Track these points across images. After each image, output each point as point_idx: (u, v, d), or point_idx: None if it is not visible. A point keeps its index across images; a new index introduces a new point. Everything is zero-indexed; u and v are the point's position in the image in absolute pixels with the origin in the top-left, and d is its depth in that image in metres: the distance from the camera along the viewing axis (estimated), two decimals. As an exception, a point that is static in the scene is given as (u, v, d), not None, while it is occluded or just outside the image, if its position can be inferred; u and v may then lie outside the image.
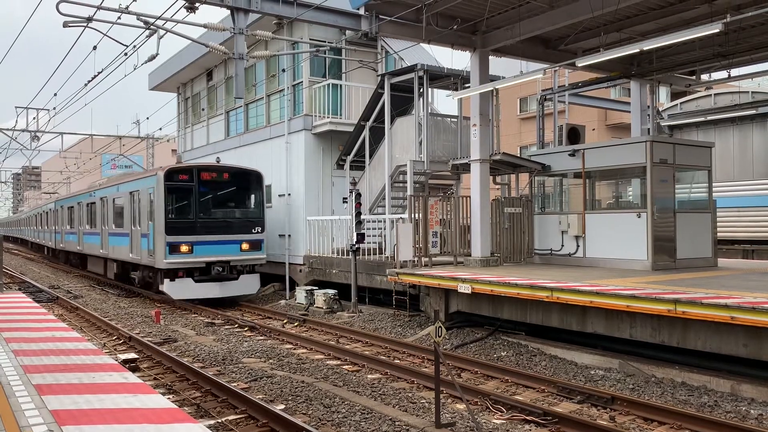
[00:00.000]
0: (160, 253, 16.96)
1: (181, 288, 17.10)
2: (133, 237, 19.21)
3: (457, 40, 14.70)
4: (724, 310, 8.21)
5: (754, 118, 20.21)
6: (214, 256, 17.29)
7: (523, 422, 7.41)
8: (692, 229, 13.83)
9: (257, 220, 18.43)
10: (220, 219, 17.85)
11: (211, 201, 17.90)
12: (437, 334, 7.09)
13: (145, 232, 17.99)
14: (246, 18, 13.37)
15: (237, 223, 18.04)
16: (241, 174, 18.69)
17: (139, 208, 18.80)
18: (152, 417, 5.05)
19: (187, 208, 17.49)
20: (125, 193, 20.34)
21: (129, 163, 39.65)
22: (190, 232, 17.13)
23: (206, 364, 10.61)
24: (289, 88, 23.71)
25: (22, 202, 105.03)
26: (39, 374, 6.45)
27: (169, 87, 34.60)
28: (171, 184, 17.29)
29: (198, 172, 17.69)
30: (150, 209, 17.69)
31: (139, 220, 18.70)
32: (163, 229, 16.96)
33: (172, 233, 16.94)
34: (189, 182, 17.48)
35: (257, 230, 18.29)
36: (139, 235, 18.63)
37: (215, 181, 17.99)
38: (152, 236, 17.35)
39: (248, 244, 17.91)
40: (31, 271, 31.96)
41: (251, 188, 18.71)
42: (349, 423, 7.40)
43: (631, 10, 13.50)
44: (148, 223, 17.85)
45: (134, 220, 19.32)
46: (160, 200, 17.07)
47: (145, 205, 18.20)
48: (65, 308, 17.72)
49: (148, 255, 17.75)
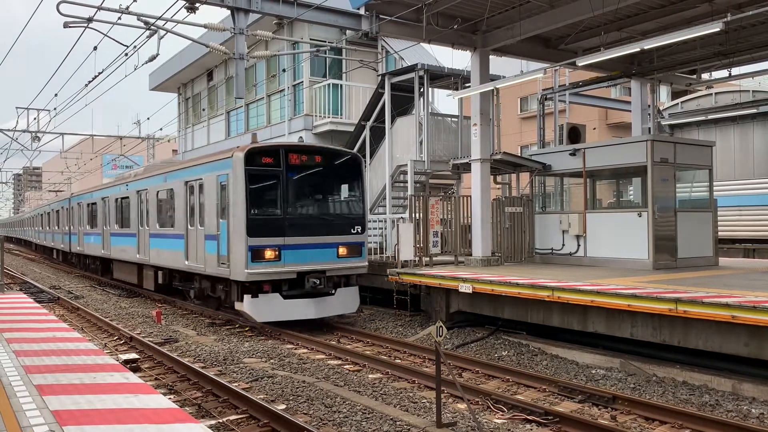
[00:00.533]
0: (239, 260, 12.85)
1: (267, 306, 13.00)
2: (191, 239, 15.25)
3: (457, 40, 14.70)
4: (725, 309, 8.20)
5: (755, 117, 20.20)
6: (307, 264, 13.24)
7: (524, 422, 7.40)
8: (693, 228, 13.82)
9: (357, 217, 14.31)
10: (313, 215, 13.86)
11: (302, 192, 13.83)
12: (438, 334, 7.09)
13: (212, 232, 14.01)
14: (246, 18, 13.38)
15: (333, 220, 13.94)
16: (337, 157, 14.48)
17: (202, 203, 14.74)
18: (153, 417, 5.05)
19: (273, 201, 13.40)
20: (177, 183, 16.08)
21: (129, 163, 39.67)
22: (277, 232, 13.08)
23: (207, 364, 10.61)
24: (289, 88, 23.73)
25: (23, 202, 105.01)
26: (40, 374, 6.45)
27: (169, 87, 34.67)
28: (253, 170, 13.03)
29: (285, 153, 13.41)
30: (221, 203, 13.71)
31: (203, 217, 14.65)
32: (243, 228, 12.84)
33: (256, 234, 12.86)
34: (275, 167, 13.26)
35: (357, 230, 14.18)
36: (201, 237, 14.67)
37: (306, 166, 13.74)
38: (225, 238, 13.39)
39: (346, 248, 13.84)
40: (32, 271, 31.98)
41: (350, 175, 14.51)
42: (350, 423, 7.40)
43: (632, 9, 13.50)
44: (217, 221, 13.84)
45: (193, 217, 15.28)
46: (239, 190, 12.94)
47: (212, 198, 14.12)
48: (66, 308, 17.73)
49: (217, 263, 13.76)
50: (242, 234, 12.84)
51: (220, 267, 13.59)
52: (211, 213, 14.13)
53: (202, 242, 14.58)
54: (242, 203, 12.88)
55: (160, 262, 17.44)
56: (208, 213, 14.30)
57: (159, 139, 39.00)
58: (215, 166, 14.05)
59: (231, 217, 13.15)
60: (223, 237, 13.52)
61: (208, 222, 14.32)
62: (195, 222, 15.12)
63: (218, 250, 13.72)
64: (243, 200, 12.88)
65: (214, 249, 13.91)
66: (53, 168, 67.30)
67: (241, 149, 13.12)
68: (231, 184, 13.17)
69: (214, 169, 14.05)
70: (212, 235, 14.07)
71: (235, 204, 12.99)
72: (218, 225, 13.77)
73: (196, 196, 15.15)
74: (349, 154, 14.87)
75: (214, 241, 13.93)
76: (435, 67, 18.24)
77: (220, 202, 13.76)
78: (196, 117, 32.87)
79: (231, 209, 13.14)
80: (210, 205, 14.23)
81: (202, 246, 14.56)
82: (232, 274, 13.10)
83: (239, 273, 12.84)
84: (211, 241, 14.15)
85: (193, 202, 15.31)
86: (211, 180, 14.17)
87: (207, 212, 14.38)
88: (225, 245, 13.37)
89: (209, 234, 14.22)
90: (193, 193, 15.34)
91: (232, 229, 13.10)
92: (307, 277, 13.16)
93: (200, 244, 14.65)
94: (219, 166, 13.85)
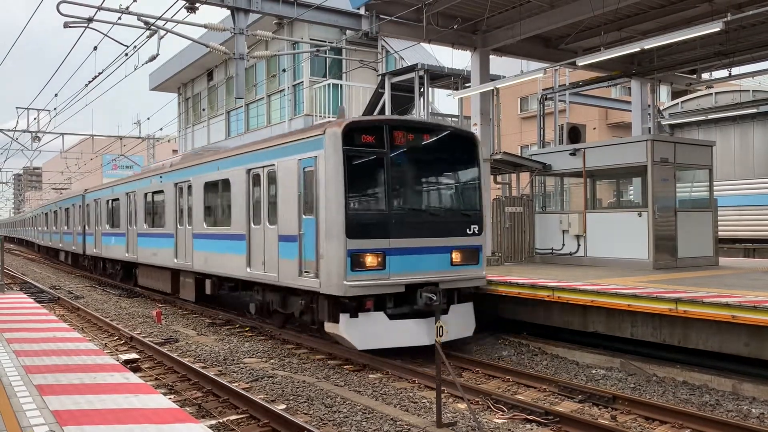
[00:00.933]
0: (334, 268, 9.91)
1: (370, 329, 10.11)
2: (256, 241, 12.30)
3: (457, 40, 14.71)
4: (725, 309, 8.21)
5: (755, 116, 20.22)
6: (417, 274, 10.36)
7: (524, 422, 7.41)
8: (693, 228, 13.83)
9: (474, 214, 11.33)
10: (423, 211, 10.97)
11: (409, 180, 10.96)
12: (438, 334, 7.09)
13: (290, 232, 11.13)
14: (246, 18, 13.40)
15: (447, 217, 11.15)
16: (450, 135, 11.45)
17: (273, 195, 11.83)
18: (153, 417, 5.05)
19: (375, 191, 10.70)
20: (236, 172, 13.13)
21: (130, 163, 39.70)
22: (381, 232, 10.23)
23: (207, 364, 10.61)
24: (289, 88, 23.74)
25: (24, 202, 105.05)
26: (40, 374, 6.45)
27: (169, 87, 34.69)
28: (353, 151, 10.15)
29: (390, 130, 10.52)
30: (305, 195, 10.79)
31: (275, 213, 11.71)
32: (341, 227, 9.91)
33: (357, 234, 9.99)
34: (377, 147, 10.37)
35: (474, 229, 11.18)
36: (272, 238, 11.74)
37: (415, 147, 10.84)
38: (311, 239, 10.51)
39: (461, 253, 10.92)
40: (32, 271, 31.99)
41: (465, 159, 11.52)
42: (351, 423, 7.41)
43: (632, 9, 13.51)
44: (298, 218, 10.92)
45: (259, 214, 12.28)
46: (334, 178, 10.04)
47: (289, 188, 11.21)
48: (66, 309, 17.73)
49: (297, 271, 10.85)
50: (339, 234, 9.94)
51: (304, 277, 10.66)
52: (289, 208, 11.20)
53: (273, 245, 11.64)
54: (339, 194, 9.99)
55: (208, 268, 14.50)
56: (284, 208, 11.37)
57: (159, 139, 39.03)
58: (296, 147, 11.11)
59: (321, 212, 10.22)
60: (308, 238, 10.60)
61: (283, 219, 11.38)
62: (262, 219, 12.16)
63: (300, 254, 10.80)
64: (340, 190, 9.98)
65: (293, 253, 10.97)
66: (53, 168, 67.34)
67: (337, 124, 10.21)
68: (322, 169, 10.24)
69: (294, 152, 11.10)
70: (290, 236, 11.17)
71: (329, 195, 10.09)
72: (299, 223, 10.85)
73: (263, 187, 12.20)
74: (465, 132, 12.05)
75: (293, 243, 11.02)
76: (435, 67, 18.24)
77: (303, 193, 10.80)
78: (196, 117, 32.89)
79: (322, 202, 10.23)
80: (287, 198, 11.27)
81: (273, 249, 11.63)
82: (323, 285, 10.15)
83: (335, 285, 9.92)
84: (288, 243, 11.22)
85: (260, 194, 12.35)
86: (289, 166, 11.21)
87: (282, 207, 11.43)
88: (311, 248, 10.49)
89: (285, 234, 11.30)
90: (258, 183, 12.35)
91: (323, 227, 10.18)
92: (420, 292, 10.21)
93: (271, 247, 11.74)
94: (302, 147, 10.92)
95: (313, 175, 10.50)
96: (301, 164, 10.89)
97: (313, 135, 10.72)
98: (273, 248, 11.66)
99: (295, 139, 11.28)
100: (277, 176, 11.64)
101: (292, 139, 11.43)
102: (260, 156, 12.38)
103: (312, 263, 10.45)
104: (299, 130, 12.23)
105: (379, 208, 10.52)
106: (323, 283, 10.14)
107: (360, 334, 10.05)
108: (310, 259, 10.53)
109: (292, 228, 11.09)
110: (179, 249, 16.16)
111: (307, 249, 10.63)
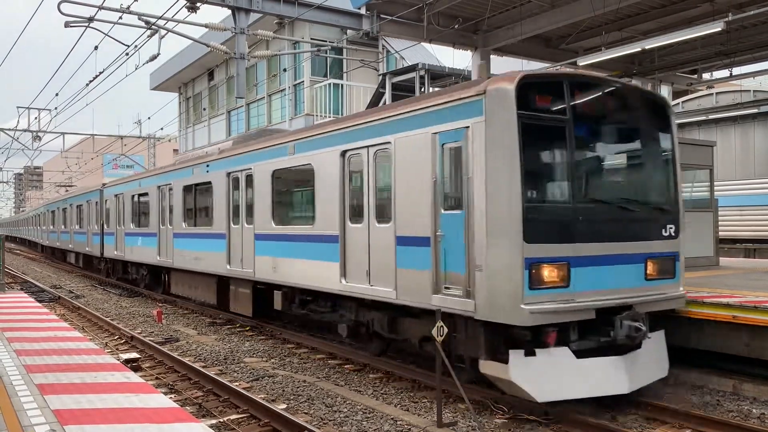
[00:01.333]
0: (506, 284, 7.20)
1: (553, 371, 7.31)
2: (354, 244, 9.71)
3: (458, 40, 14.71)
4: (726, 309, 8.21)
5: (755, 116, 20.22)
6: (609, 294, 7.64)
7: (524, 421, 7.40)
8: (694, 228, 13.80)
9: (671, 208, 8.55)
10: (613, 204, 8.03)
11: (597, 160, 8.36)
12: (439, 334, 7.09)
13: (418, 233, 8.37)
14: (247, 18, 13.40)
15: (641, 214, 8.23)
16: (641, 100, 8.66)
17: (391, 182, 8.91)
18: (154, 416, 5.05)
19: (556, 175, 8.11)
20: (325, 156, 10.33)
21: (130, 163, 39.70)
22: (563, 235, 7.46)
23: (208, 363, 10.62)
24: (290, 87, 23.76)
25: (24, 201, 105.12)
26: (41, 374, 6.46)
27: (170, 87, 34.74)
28: (529, 117, 7.34)
29: (570, 89, 7.74)
30: (450, 180, 8.04)
31: (391, 208, 8.91)
32: (516, 225, 7.15)
33: (536, 237, 7.22)
34: (558, 114, 7.68)
35: (670, 230, 8.40)
36: (383, 240, 9.03)
37: (600, 115, 8.25)
38: (458, 243, 7.75)
39: (656, 263, 8.17)
40: (33, 270, 32.00)
41: (658, 134, 8.66)
42: (351, 422, 7.41)
43: (633, 9, 13.50)
44: (433, 213, 8.16)
45: (359, 208, 9.66)
46: (506, 155, 7.25)
47: (419, 173, 8.37)
48: (67, 308, 17.74)
49: (432, 286, 8.09)
50: (512, 237, 7.14)
51: (445, 295, 7.90)
52: (414, 200, 8.47)
53: (387, 249, 8.89)
54: (513, 180, 7.14)
55: (277, 277, 11.75)
56: (405, 200, 8.65)
57: (160, 139, 39.06)
58: (427, 117, 8.31)
59: (478, 205, 7.44)
60: (452, 241, 7.84)
61: (403, 215, 8.68)
62: (367, 216, 9.40)
63: (435, 264, 8.07)
64: (515, 174, 7.14)
65: (422, 262, 8.24)
66: (54, 167, 67.33)
67: (505, 79, 7.40)
68: (479, 144, 7.46)
69: (425, 124, 8.33)
70: (415, 239, 8.42)
71: (494, 182, 7.27)
72: (434, 221, 8.12)
73: (368, 173, 9.38)
74: (657, 96, 9.42)
75: (422, 249, 8.27)
76: (436, 67, 18.24)
77: (441, 179, 8.08)
78: (197, 116, 32.92)
79: (478, 192, 7.44)
80: (414, 187, 8.48)
81: (387, 255, 8.89)
82: (482, 309, 7.36)
83: (505, 309, 7.16)
84: (412, 248, 8.48)
85: (361, 182, 9.62)
86: (416, 142, 8.44)
87: (401, 199, 8.71)
88: (458, 256, 7.72)
89: (408, 236, 8.57)
90: (360, 168, 9.57)
91: (481, 227, 7.40)
92: (618, 319, 7.49)
93: (381, 252, 9.04)
94: (440, 116, 8.11)
95: (461, 154, 7.73)
96: (439, 140, 8.06)
97: (462, 98, 7.78)
98: (386, 254, 8.93)
99: (427, 105, 8.32)
100: (394, 157, 8.78)
101: (422, 106, 8.42)
102: (364, 132, 9.46)
103: (460, 277, 7.68)
104: (432, 94, 9.42)
105: (562, 199, 7.74)
106: (483, 305, 7.30)
107: (539, 380, 7.19)
108: (455, 270, 7.76)
109: (420, 227, 8.30)
110: (233, 253, 13.46)
111: (451, 257, 7.84)
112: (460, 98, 7.80)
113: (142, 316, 16.03)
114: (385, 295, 8.94)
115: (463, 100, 7.76)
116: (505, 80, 7.38)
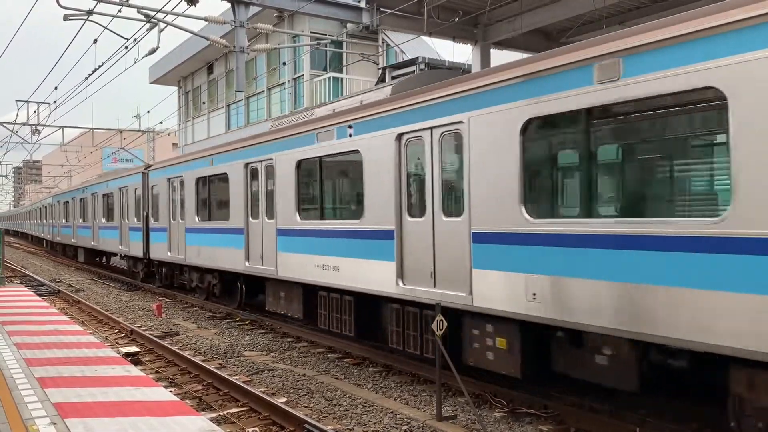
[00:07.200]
0: None
1: None
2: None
3: (458, 33, 14.69)
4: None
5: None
6: None
7: (524, 415, 7.42)
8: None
9: None
10: None
11: None
12: (439, 328, 7.10)
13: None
14: (247, 11, 13.36)
15: None
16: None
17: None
18: (155, 409, 5.07)
19: None
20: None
21: (130, 156, 39.64)
22: None
23: (208, 357, 10.63)
24: (289, 81, 23.73)
25: (23, 195, 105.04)
26: (42, 367, 6.47)
27: (169, 80, 34.69)
28: None
29: None
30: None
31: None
32: None
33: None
34: None
35: None
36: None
37: None
38: None
39: None
40: (32, 264, 32.01)
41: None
42: (351, 416, 7.43)
43: (633, 3, 13.49)
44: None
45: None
46: None
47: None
48: (67, 302, 17.75)
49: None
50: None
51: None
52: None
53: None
54: None
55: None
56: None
57: (159, 133, 39.00)
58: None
59: None
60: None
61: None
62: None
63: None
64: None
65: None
66: (53, 161, 67.29)
67: None
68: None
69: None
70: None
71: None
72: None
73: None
74: None
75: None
76: (436, 61, 18.16)
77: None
78: (197, 110, 32.89)
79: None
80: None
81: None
82: None
83: None
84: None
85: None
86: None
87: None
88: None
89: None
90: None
91: None
92: None
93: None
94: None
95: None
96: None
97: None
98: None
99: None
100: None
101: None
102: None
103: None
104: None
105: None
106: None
107: None
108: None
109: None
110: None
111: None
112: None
113: (141, 309, 16.05)
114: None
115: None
116: None
